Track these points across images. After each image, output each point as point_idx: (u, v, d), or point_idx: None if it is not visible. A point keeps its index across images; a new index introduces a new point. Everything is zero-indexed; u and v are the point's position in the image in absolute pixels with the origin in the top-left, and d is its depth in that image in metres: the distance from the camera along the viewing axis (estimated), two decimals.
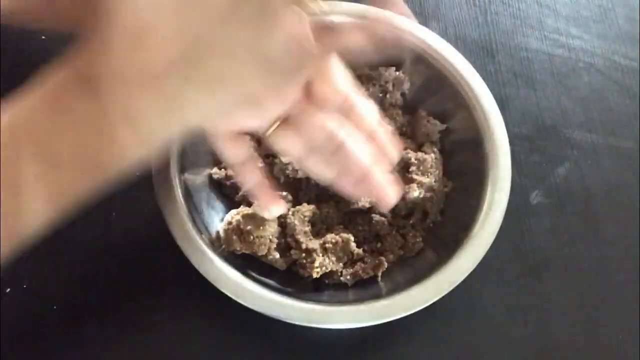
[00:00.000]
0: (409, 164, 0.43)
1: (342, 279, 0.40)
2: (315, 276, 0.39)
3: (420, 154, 0.44)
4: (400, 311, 0.36)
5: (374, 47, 0.30)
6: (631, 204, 0.48)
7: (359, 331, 0.37)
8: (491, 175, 0.41)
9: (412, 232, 0.42)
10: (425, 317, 0.38)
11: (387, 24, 0.44)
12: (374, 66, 0.46)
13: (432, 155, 0.44)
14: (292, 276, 0.40)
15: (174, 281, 0.41)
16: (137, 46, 0.25)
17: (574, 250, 0.46)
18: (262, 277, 0.39)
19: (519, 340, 0.42)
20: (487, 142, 0.42)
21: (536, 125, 0.51)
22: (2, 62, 0.45)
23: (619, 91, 0.54)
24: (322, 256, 0.40)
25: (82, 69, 0.26)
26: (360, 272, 0.40)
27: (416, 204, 0.43)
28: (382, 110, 0.45)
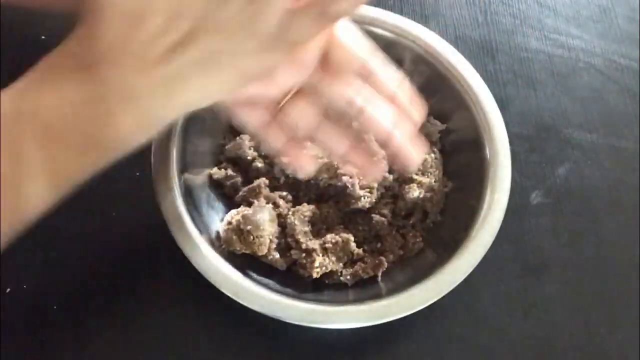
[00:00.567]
0: None
1: (342, 279, 0.40)
2: (315, 276, 0.39)
3: None
4: (400, 311, 0.36)
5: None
6: (631, 204, 0.48)
7: (359, 331, 0.37)
8: (491, 175, 0.41)
9: (412, 232, 0.42)
10: (425, 317, 0.38)
11: (388, 25, 0.44)
12: None
13: (432, 155, 0.44)
14: (292, 276, 0.40)
15: (174, 281, 0.41)
16: (133, 29, 0.25)
17: (574, 250, 0.46)
18: (262, 277, 0.39)
19: (519, 340, 0.42)
20: (487, 142, 0.42)
21: (536, 125, 0.51)
22: (2, 63, 0.45)
23: (619, 91, 0.54)
24: (322, 256, 0.40)
25: (78, 50, 0.26)
26: (360, 272, 0.40)
27: (416, 204, 0.43)
28: None
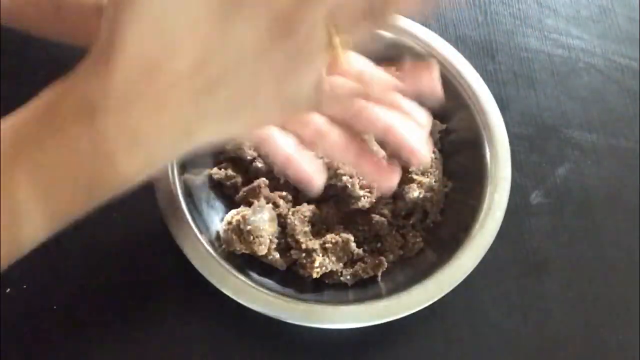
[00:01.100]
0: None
1: (342, 279, 0.40)
2: (315, 276, 0.39)
3: None
4: (400, 311, 0.36)
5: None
6: (631, 204, 0.48)
7: (359, 331, 0.37)
8: (491, 175, 0.41)
9: (412, 232, 0.42)
10: (425, 317, 0.38)
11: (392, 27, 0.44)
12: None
13: (432, 155, 0.44)
14: (292, 276, 0.40)
15: (174, 281, 0.41)
16: (152, 74, 0.24)
17: (574, 250, 0.46)
18: (262, 277, 0.39)
19: (519, 340, 0.42)
20: (487, 142, 0.42)
21: (536, 125, 0.51)
22: (2, 64, 0.45)
23: (619, 91, 0.54)
24: (322, 256, 0.40)
25: (84, 90, 0.25)
26: (360, 272, 0.40)
27: (416, 204, 0.43)
28: None
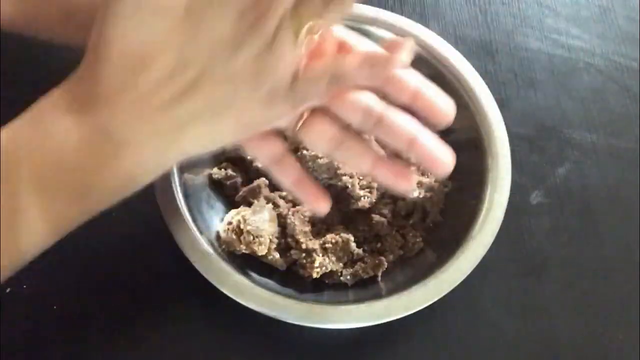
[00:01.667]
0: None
1: (342, 279, 0.40)
2: (315, 276, 0.39)
3: None
4: (400, 311, 0.36)
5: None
6: (631, 204, 0.48)
7: (359, 331, 0.37)
8: (491, 175, 0.41)
9: (412, 232, 0.42)
10: (425, 317, 0.38)
11: (388, 25, 0.44)
12: None
13: None
14: (292, 276, 0.40)
15: (174, 281, 0.41)
16: (137, 73, 0.24)
17: (574, 250, 0.46)
18: (262, 277, 0.39)
19: (519, 340, 0.42)
20: (487, 142, 0.42)
21: (536, 125, 0.51)
22: (2, 64, 0.45)
23: (619, 91, 0.54)
24: (322, 256, 0.40)
25: (77, 91, 0.25)
26: (360, 272, 0.40)
27: (416, 204, 0.43)
28: None
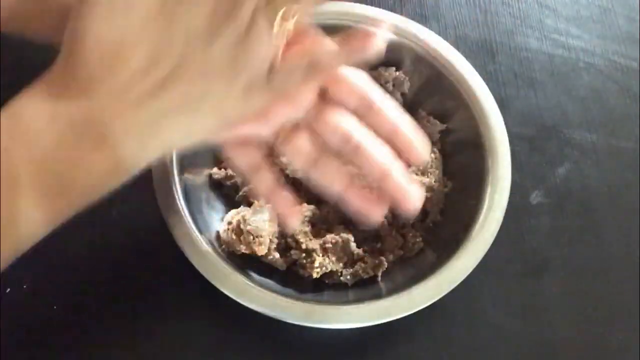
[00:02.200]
0: None
1: (342, 279, 0.40)
2: (315, 276, 0.39)
3: None
4: (400, 311, 0.36)
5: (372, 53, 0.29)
6: (631, 204, 0.48)
7: (359, 331, 0.37)
8: (491, 175, 0.41)
9: (412, 232, 0.42)
10: (425, 317, 0.38)
11: (388, 25, 0.44)
12: (373, 66, 0.46)
13: (432, 155, 0.44)
14: (292, 276, 0.40)
15: (174, 281, 0.41)
16: (110, 68, 0.24)
17: (574, 250, 0.46)
18: (262, 277, 0.39)
19: (519, 340, 0.42)
20: (487, 142, 0.42)
21: (536, 125, 0.51)
22: (2, 63, 0.45)
23: (619, 91, 0.53)
24: (322, 256, 0.40)
25: (53, 88, 0.25)
26: (360, 272, 0.40)
27: None
28: None
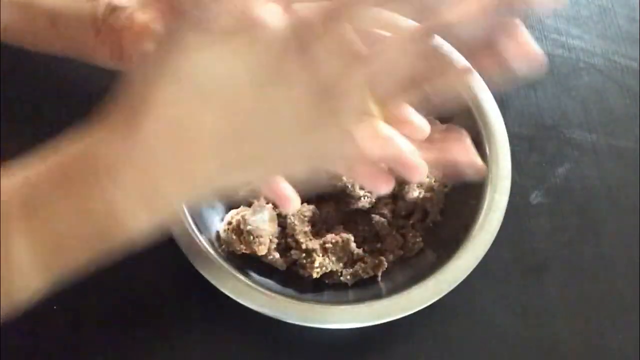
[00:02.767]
0: None
1: (342, 279, 0.40)
2: (315, 276, 0.39)
3: None
4: (400, 311, 0.36)
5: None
6: (631, 204, 0.48)
7: (359, 331, 0.37)
8: (491, 175, 0.41)
9: (412, 232, 0.42)
10: (425, 317, 0.38)
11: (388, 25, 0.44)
12: None
13: None
14: (292, 276, 0.40)
15: (174, 281, 0.41)
16: (176, 135, 0.23)
17: (574, 250, 0.46)
18: (262, 277, 0.39)
19: (519, 340, 0.42)
20: (487, 142, 0.42)
21: (536, 125, 0.51)
22: (3, 64, 0.45)
23: (619, 91, 0.53)
24: (322, 256, 0.40)
25: (104, 151, 0.24)
26: (360, 272, 0.40)
27: (416, 204, 0.43)
28: None
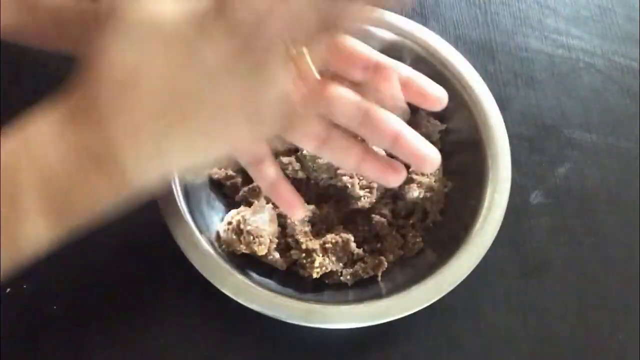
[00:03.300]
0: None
1: (342, 279, 0.40)
2: (315, 276, 0.39)
3: None
4: (400, 311, 0.36)
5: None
6: (631, 204, 0.48)
7: (359, 331, 0.37)
8: (491, 175, 0.41)
9: (412, 232, 0.42)
10: (425, 317, 0.38)
11: (388, 25, 0.44)
12: None
13: None
14: (292, 276, 0.40)
15: (174, 281, 0.41)
16: (121, 95, 0.25)
17: (574, 250, 0.46)
18: (262, 277, 0.39)
19: (519, 340, 0.42)
20: (487, 142, 0.42)
21: (536, 125, 0.51)
22: (2, 64, 0.45)
23: (619, 91, 0.53)
24: (322, 256, 0.40)
25: (67, 112, 0.26)
26: (360, 272, 0.40)
27: (416, 204, 0.43)
28: None
